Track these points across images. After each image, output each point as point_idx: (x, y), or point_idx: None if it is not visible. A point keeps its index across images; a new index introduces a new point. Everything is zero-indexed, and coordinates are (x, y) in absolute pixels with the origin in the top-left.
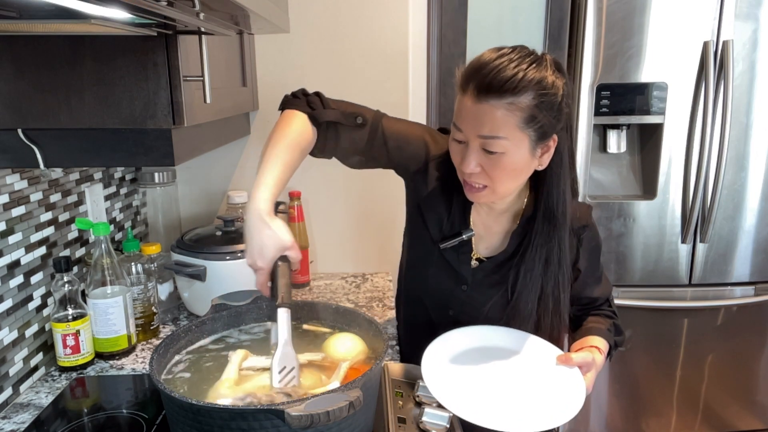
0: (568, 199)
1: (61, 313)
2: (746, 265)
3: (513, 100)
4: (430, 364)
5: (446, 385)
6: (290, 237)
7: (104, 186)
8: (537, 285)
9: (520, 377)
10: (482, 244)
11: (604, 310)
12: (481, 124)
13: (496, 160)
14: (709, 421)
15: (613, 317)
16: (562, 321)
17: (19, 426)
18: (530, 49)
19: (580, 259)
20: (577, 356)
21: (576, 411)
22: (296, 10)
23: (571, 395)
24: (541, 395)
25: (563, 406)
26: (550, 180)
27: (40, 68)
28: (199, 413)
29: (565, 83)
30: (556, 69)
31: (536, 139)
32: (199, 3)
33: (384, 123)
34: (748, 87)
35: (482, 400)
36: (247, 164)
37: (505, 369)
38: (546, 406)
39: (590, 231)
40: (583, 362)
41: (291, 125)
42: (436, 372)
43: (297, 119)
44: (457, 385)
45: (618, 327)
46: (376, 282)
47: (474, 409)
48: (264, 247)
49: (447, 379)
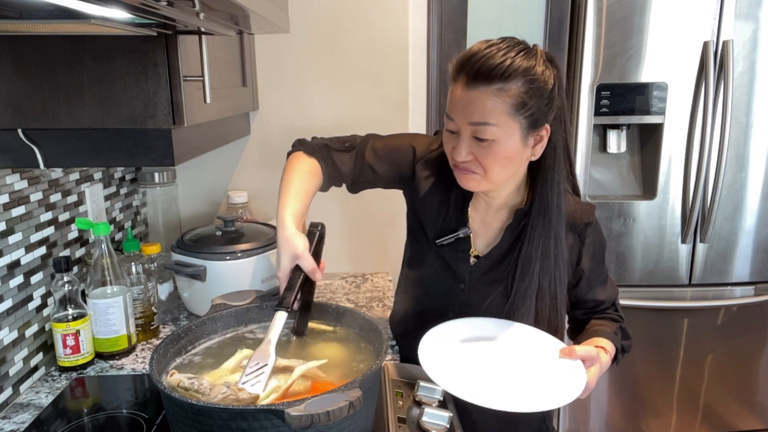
0: (563, 192)
1: (61, 313)
2: (746, 265)
3: (502, 86)
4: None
5: (440, 363)
6: (302, 247)
7: (104, 186)
8: (534, 280)
9: (518, 364)
10: (480, 240)
11: (609, 313)
12: (472, 111)
13: (488, 148)
14: (709, 421)
15: (620, 321)
16: (559, 316)
17: (19, 426)
18: (520, 40)
19: (582, 259)
20: (580, 349)
21: (573, 396)
22: (296, 10)
23: (569, 382)
24: (538, 380)
25: (559, 391)
26: (545, 173)
27: (40, 68)
28: (199, 413)
29: (557, 75)
30: (547, 60)
31: (527, 127)
32: (199, 3)
33: (370, 141)
34: (748, 87)
35: (476, 380)
36: (247, 164)
37: (505, 355)
38: (542, 389)
39: (593, 230)
40: (586, 356)
41: (292, 163)
42: (432, 352)
43: (295, 157)
44: (452, 365)
45: (625, 331)
46: (376, 282)
47: (465, 386)
48: (280, 254)
49: (442, 358)
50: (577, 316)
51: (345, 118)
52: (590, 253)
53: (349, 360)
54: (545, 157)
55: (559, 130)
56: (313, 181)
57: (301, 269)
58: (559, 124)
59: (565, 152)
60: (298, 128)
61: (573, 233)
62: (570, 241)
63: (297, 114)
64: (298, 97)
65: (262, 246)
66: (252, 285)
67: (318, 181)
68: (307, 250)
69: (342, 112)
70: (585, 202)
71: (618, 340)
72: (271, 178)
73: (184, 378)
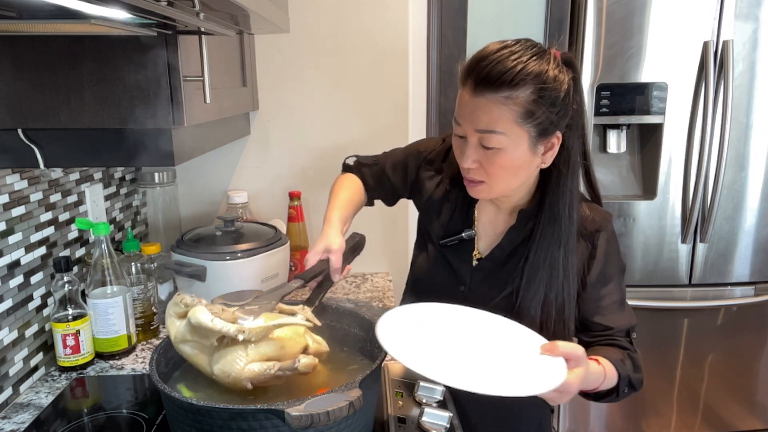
0: (576, 200)
1: (61, 313)
2: (746, 265)
3: (510, 94)
4: (388, 319)
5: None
6: (337, 245)
7: (104, 186)
8: (541, 291)
9: (493, 352)
10: (483, 242)
11: (620, 340)
12: (478, 118)
13: (493, 156)
14: (709, 421)
15: (630, 349)
16: (567, 331)
17: (19, 426)
18: (535, 42)
19: (592, 269)
20: (564, 345)
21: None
22: (296, 10)
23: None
24: (509, 369)
25: (529, 381)
26: (556, 179)
27: (40, 68)
28: (199, 413)
29: (573, 79)
30: (563, 64)
31: (536, 135)
32: (199, 3)
33: (393, 154)
34: (748, 87)
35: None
36: (247, 164)
37: (479, 342)
38: (510, 377)
39: (607, 239)
40: (571, 354)
41: (339, 179)
42: (392, 327)
43: (342, 175)
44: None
45: (635, 362)
46: (376, 282)
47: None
48: (317, 242)
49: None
50: (583, 339)
51: (345, 118)
52: (601, 265)
53: (349, 360)
54: (557, 162)
55: (573, 136)
56: (356, 193)
57: (326, 265)
58: (575, 130)
59: (582, 158)
60: (298, 128)
61: (584, 240)
62: (580, 248)
63: (297, 114)
64: (298, 97)
65: (262, 246)
66: (252, 285)
67: (360, 194)
68: (341, 249)
69: (342, 112)
70: (602, 210)
71: (624, 369)
72: (271, 178)
73: (186, 296)
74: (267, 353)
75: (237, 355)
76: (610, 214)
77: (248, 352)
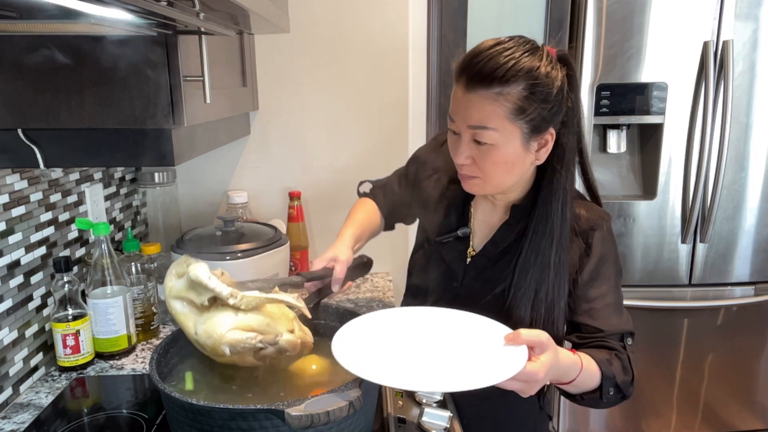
0: (570, 198)
1: (61, 313)
2: (746, 265)
3: (501, 90)
4: (343, 336)
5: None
6: (344, 255)
7: (104, 186)
8: (531, 288)
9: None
10: (480, 240)
11: (610, 343)
12: (471, 114)
13: (486, 152)
14: (709, 421)
15: (618, 350)
16: (555, 329)
17: (19, 426)
18: (529, 39)
19: (585, 268)
20: (527, 332)
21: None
22: (296, 10)
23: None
24: (473, 363)
25: (483, 372)
26: (550, 176)
27: (40, 68)
28: (199, 413)
29: (567, 76)
30: (557, 60)
31: (529, 131)
32: (199, 3)
33: (396, 170)
34: (748, 87)
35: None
36: (247, 164)
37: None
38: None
39: (602, 238)
40: (533, 341)
41: (357, 203)
42: (347, 341)
43: (357, 201)
44: (370, 350)
45: (624, 364)
46: (376, 282)
47: (379, 370)
48: (326, 251)
49: (360, 346)
50: (574, 341)
51: (345, 118)
52: (594, 264)
53: None
54: (551, 159)
55: (568, 133)
56: (370, 215)
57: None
58: (570, 127)
59: (578, 155)
60: (298, 128)
61: (578, 238)
62: (574, 246)
63: (297, 114)
64: (298, 97)
65: (262, 246)
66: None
67: (374, 216)
68: (347, 261)
69: (342, 112)
70: (600, 210)
71: (610, 369)
72: (271, 178)
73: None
74: (252, 325)
75: (223, 319)
76: (608, 214)
77: (235, 319)
